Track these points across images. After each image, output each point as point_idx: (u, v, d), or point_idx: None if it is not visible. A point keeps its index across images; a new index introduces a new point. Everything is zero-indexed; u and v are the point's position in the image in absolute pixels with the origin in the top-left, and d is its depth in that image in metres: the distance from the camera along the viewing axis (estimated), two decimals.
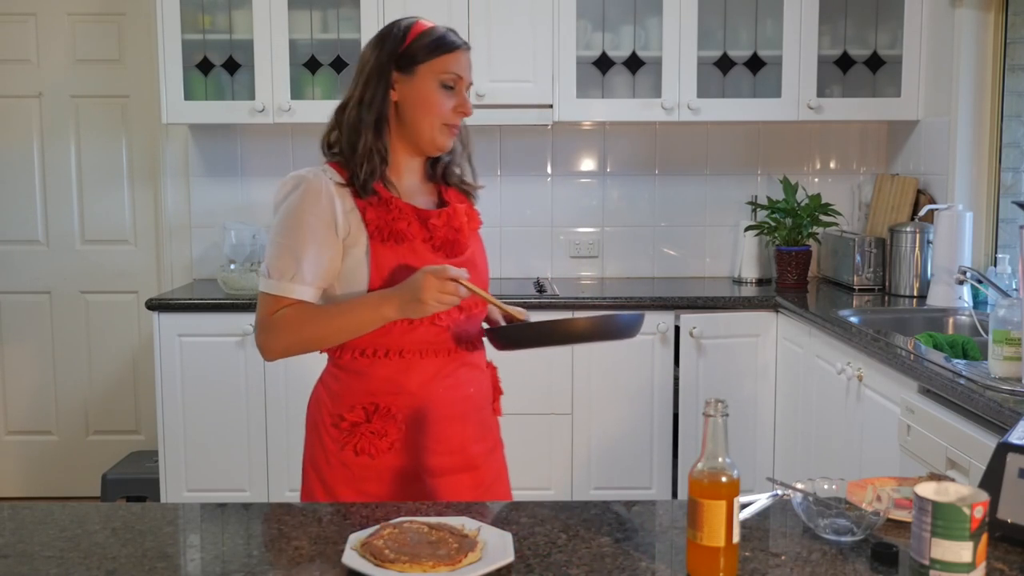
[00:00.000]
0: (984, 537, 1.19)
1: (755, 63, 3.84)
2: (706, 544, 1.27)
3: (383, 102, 1.85)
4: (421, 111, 1.85)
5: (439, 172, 1.96)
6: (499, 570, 1.28)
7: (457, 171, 1.97)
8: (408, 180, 1.91)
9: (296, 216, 1.80)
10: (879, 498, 1.42)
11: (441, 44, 1.86)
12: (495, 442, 1.98)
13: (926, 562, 1.20)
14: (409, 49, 1.86)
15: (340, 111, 1.88)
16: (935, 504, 1.19)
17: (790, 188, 3.87)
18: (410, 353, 1.82)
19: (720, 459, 1.28)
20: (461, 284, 1.72)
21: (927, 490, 1.22)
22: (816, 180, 4.14)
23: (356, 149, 1.83)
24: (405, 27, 1.88)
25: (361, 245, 1.80)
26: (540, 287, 3.74)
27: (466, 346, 1.89)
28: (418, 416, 1.83)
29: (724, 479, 1.27)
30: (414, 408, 1.83)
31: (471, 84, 1.91)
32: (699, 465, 1.29)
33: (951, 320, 3.16)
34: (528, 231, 4.12)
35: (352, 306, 1.79)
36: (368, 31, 3.67)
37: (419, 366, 1.83)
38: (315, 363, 1.93)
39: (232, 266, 3.80)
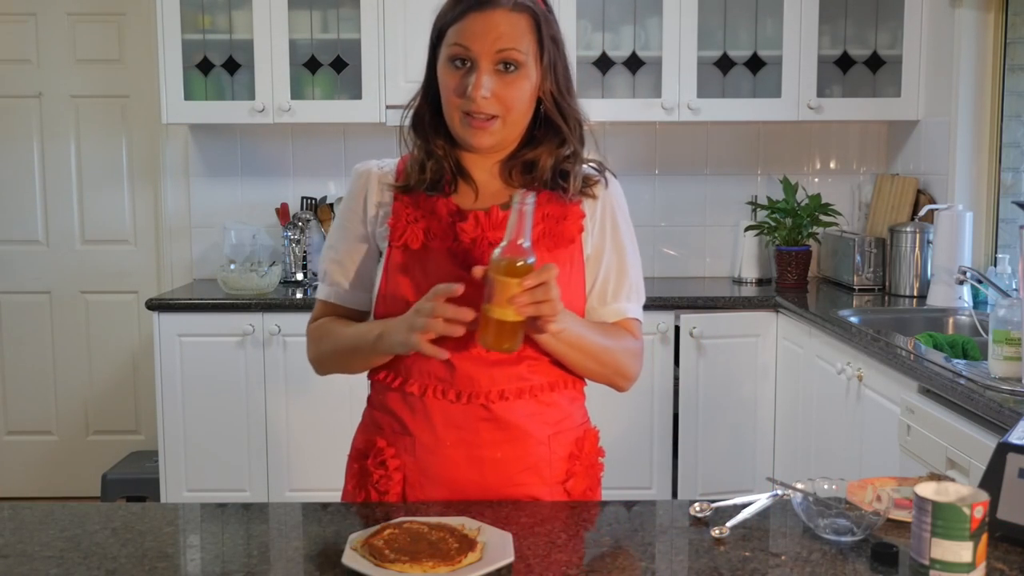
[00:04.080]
0: (984, 537, 1.19)
1: (755, 63, 3.83)
2: (497, 317, 1.38)
3: (429, 86, 1.52)
4: (443, 98, 1.48)
5: (510, 172, 1.56)
6: (499, 570, 1.28)
7: (539, 171, 1.55)
8: (481, 178, 1.56)
9: (338, 211, 1.62)
10: (879, 498, 1.42)
11: (455, 5, 1.46)
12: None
13: (926, 562, 1.20)
14: (438, 18, 1.49)
15: None
16: (935, 504, 1.18)
17: (790, 188, 3.87)
18: (416, 389, 1.51)
19: (520, 241, 1.39)
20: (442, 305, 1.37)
21: (927, 490, 1.22)
22: (816, 180, 4.14)
23: (411, 143, 1.56)
24: None
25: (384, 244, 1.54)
26: None
27: (490, 397, 1.51)
28: (423, 465, 1.52)
29: (520, 263, 1.38)
30: (417, 455, 1.53)
31: (504, 51, 1.42)
32: (501, 248, 1.40)
33: (951, 320, 3.16)
34: None
35: (358, 326, 1.54)
36: (368, 31, 3.66)
37: (423, 407, 1.51)
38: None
39: (232, 266, 3.80)
